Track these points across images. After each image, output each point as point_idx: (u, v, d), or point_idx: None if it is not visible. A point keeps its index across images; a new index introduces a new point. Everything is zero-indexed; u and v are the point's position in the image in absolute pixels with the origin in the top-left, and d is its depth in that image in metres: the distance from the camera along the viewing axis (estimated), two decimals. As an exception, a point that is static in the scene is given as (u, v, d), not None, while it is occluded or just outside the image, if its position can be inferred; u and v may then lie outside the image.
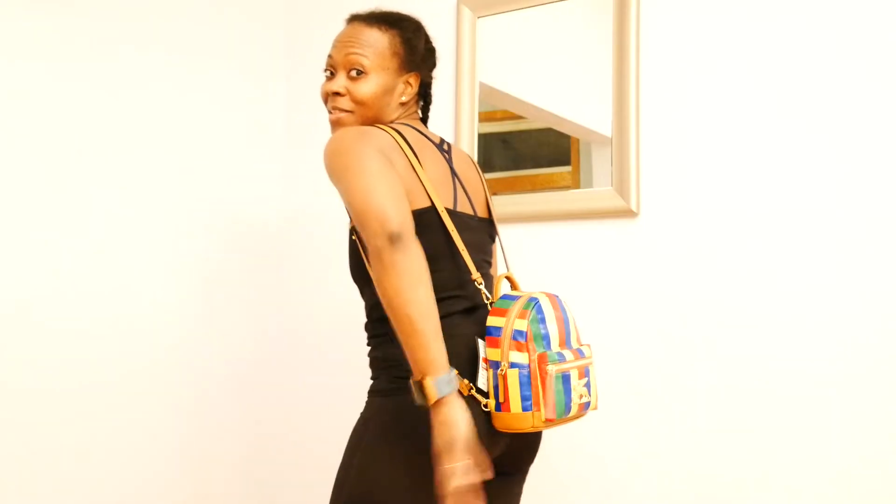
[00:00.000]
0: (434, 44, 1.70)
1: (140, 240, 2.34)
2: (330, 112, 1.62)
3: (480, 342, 1.46)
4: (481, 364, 1.45)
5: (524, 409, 1.40)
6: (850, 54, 1.90)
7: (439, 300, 1.40)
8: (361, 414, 1.53)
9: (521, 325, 1.42)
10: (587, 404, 1.50)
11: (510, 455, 1.53)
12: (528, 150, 2.32)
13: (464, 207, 1.61)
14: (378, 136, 1.48)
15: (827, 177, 1.91)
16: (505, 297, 1.48)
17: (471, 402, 1.40)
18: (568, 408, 1.43)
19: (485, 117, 2.36)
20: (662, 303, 2.06)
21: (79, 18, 2.22)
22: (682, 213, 2.06)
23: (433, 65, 1.70)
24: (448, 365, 1.34)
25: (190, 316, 2.47)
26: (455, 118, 2.38)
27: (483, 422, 1.41)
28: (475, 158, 2.34)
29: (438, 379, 1.31)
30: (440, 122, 2.41)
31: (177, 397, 2.42)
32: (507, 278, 1.57)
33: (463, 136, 2.35)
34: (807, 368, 1.89)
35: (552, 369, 1.41)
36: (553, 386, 1.40)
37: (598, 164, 2.20)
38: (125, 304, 2.30)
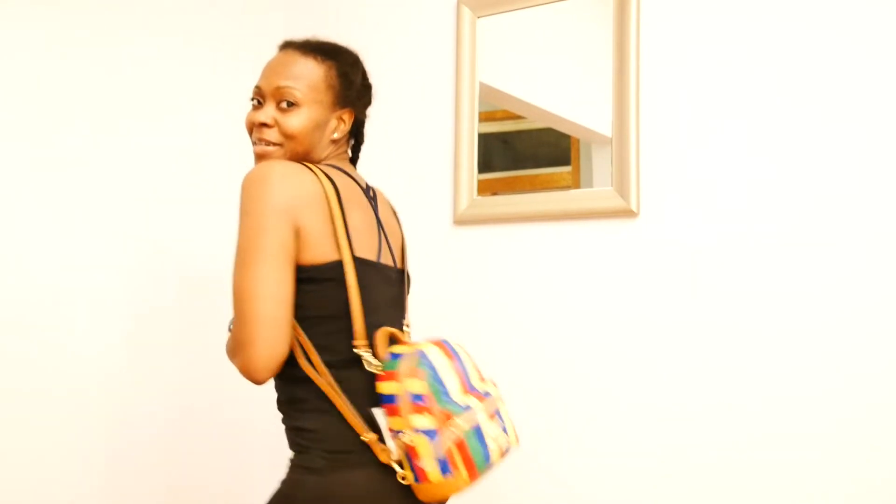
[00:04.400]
0: (370, 80, 1.60)
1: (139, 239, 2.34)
2: (255, 143, 1.50)
3: (377, 411, 1.35)
4: (387, 434, 1.34)
5: (444, 474, 1.31)
6: (851, 55, 1.90)
7: (343, 361, 1.36)
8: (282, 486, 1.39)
9: (417, 386, 1.31)
10: (507, 449, 1.40)
11: None
12: (528, 150, 2.33)
13: (386, 259, 1.51)
14: (300, 182, 1.36)
15: (828, 177, 1.91)
16: (390, 356, 1.37)
17: (385, 472, 1.34)
18: (487, 459, 1.34)
19: (485, 117, 2.37)
20: (662, 303, 2.06)
21: (74, 9, 2.22)
22: (682, 213, 2.06)
23: (368, 102, 1.60)
24: None
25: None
26: (455, 118, 2.38)
27: (400, 495, 1.35)
28: (475, 158, 2.35)
29: None
30: (440, 122, 2.41)
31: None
32: (392, 334, 1.41)
33: (463, 136, 2.35)
34: (808, 370, 1.89)
35: (462, 423, 1.31)
36: (467, 442, 1.31)
37: (598, 164, 2.20)
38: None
